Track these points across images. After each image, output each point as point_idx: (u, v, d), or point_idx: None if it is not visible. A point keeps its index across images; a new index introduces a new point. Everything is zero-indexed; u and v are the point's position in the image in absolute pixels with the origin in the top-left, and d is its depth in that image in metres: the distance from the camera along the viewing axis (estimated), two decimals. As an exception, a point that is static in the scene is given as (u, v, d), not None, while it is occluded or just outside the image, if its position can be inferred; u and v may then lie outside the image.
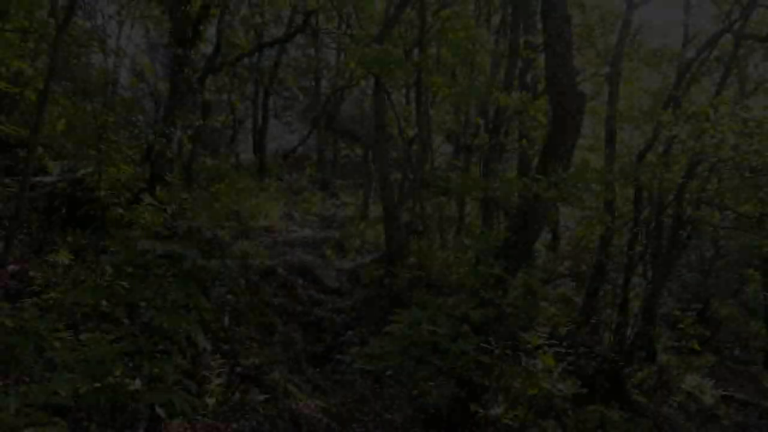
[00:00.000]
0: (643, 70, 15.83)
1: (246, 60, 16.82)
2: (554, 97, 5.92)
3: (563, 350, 6.47)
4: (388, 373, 7.81)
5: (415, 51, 11.64)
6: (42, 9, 8.52)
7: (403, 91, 19.97)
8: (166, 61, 22.28)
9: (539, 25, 12.99)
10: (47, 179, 8.23)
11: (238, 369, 6.54)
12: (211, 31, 10.63)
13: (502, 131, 10.63)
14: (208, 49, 12.20)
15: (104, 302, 3.97)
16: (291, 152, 22.04)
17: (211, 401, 4.99)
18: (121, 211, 4.47)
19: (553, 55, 5.90)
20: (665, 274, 10.76)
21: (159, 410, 3.23)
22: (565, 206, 12.92)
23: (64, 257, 5.81)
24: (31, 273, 6.30)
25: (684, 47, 13.27)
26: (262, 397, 5.69)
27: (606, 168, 10.41)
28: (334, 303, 9.22)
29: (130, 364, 3.15)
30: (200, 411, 4.74)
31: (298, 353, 7.58)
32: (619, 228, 11.28)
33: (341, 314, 8.90)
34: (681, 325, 10.35)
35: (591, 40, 13.69)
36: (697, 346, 10.17)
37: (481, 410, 4.54)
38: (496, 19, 17.11)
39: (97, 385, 2.90)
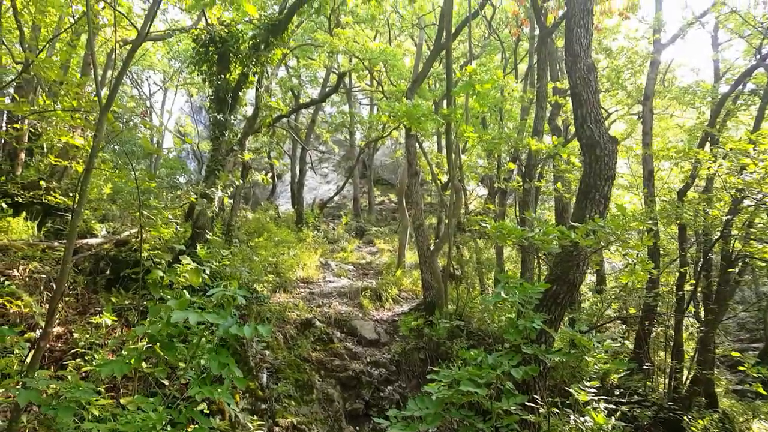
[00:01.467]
0: (677, 107, 15.69)
1: (284, 119, 17.53)
2: (584, 143, 5.91)
3: (615, 400, 6.17)
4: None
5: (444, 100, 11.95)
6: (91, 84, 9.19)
7: (434, 137, 20.32)
8: (208, 122, 23.44)
9: (565, 70, 13.16)
10: (93, 241, 8.61)
11: (276, 429, 6.50)
12: (249, 93, 11.18)
13: (535, 175, 10.59)
14: (247, 109, 12.80)
15: (144, 363, 4.07)
16: (327, 202, 22.47)
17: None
18: (161, 273, 4.62)
19: (580, 102, 5.94)
20: (719, 313, 10.20)
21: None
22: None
23: (107, 318, 6.00)
24: (76, 335, 6.53)
25: (716, 83, 13.13)
26: (301, 459, 5.60)
27: (646, 209, 10.16)
28: (373, 356, 9.11)
29: (169, 428, 3.19)
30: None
31: (337, 411, 7.47)
32: (665, 267, 10.87)
33: (380, 368, 8.77)
34: (742, 367, 9.73)
35: (620, 82, 13.71)
36: (762, 390, 9.52)
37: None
38: (522, 67, 17.44)
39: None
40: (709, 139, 10.57)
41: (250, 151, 10.79)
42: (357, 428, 7.32)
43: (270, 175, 19.30)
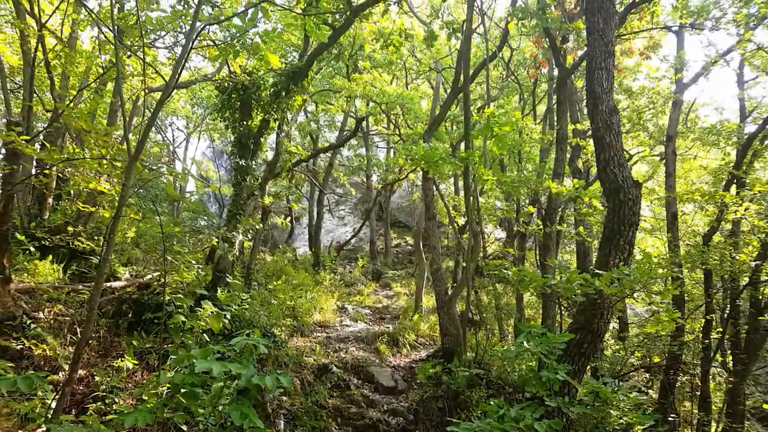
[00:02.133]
0: (700, 147, 15.53)
1: (303, 163, 17.80)
2: (608, 188, 5.82)
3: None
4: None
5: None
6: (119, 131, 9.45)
7: (451, 180, 20.40)
8: (229, 166, 23.92)
9: (585, 111, 13.18)
10: (116, 284, 8.66)
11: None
12: (269, 138, 11.40)
13: (556, 219, 10.48)
14: (267, 154, 13.04)
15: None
16: (344, 245, 22.48)
17: None
18: (183, 318, 4.60)
19: (602, 146, 5.88)
20: (749, 362, 9.79)
21: None
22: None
23: (128, 362, 5.96)
24: (97, 378, 6.49)
25: (741, 122, 12.96)
26: None
27: (670, 255, 9.94)
28: (390, 404, 8.87)
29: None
30: None
31: (355, 463, 7.24)
32: (690, 314, 10.53)
33: (397, 416, 8.52)
34: None
35: (641, 123, 13.68)
36: None
37: None
38: (540, 108, 17.58)
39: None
40: (735, 181, 10.40)
41: (270, 195, 10.91)
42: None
43: (288, 218, 19.43)
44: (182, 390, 3.07)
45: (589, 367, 9.34)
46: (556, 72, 12.85)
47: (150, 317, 7.64)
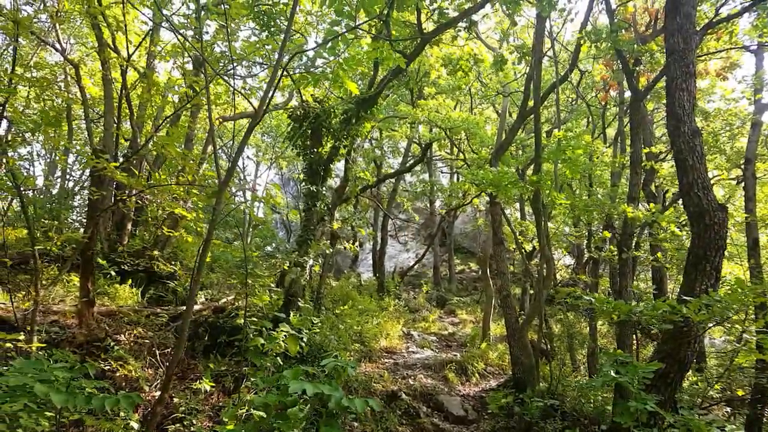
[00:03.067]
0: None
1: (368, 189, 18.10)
2: (692, 212, 5.58)
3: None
4: None
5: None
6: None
7: (516, 204, 20.06)
8: (296, 193, 24.67)
9: (657, 134, 12.68)
10: (194, 308, 9.04)
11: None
12: (336, 164, 11.71)
13: (632, 244, 10.05)
14: (334, 181, 13.39)
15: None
16: (408, 270, 22.47)
17: None
18: (262, 341, 4.76)
19: (685, 169, 5.67)
20: None
21: None
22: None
23: (206, 384, 6.18)
24: (176, 399, 6.76)
25: None
26: None
27: (753, 283, 9.26)
28: (461, 433, 8.67)
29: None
30: None
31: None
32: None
33: (469, 446, 8.32)
34: None
35: (718, 145, 13.03)
36: None
37: None
38: (610, 131, 17.10)
39: None
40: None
41: (338, 221, 11.17)
42: None
43: (356, 243, 19.73)
44: (268, 411, 3.16)
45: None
46: (627, 95, 12.52)
47: (225, 340, 7.89)
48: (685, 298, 4.62)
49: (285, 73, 9.05)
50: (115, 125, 9.63)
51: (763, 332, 5.40)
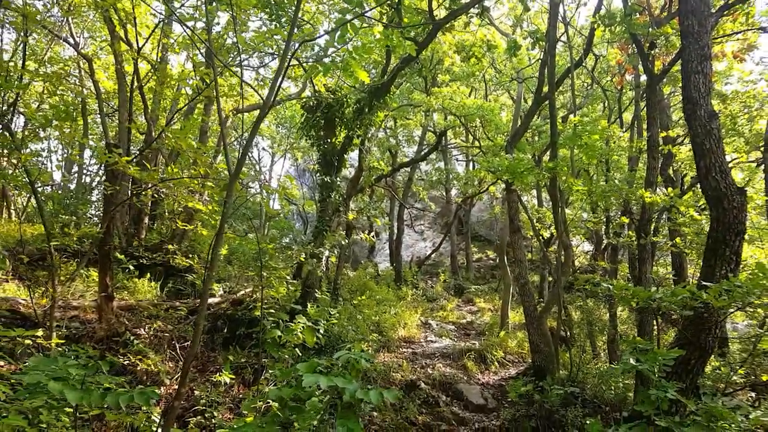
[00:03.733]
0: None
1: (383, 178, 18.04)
2: (710, 195, 5.46)
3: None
4: None
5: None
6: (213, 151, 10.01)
7: (533, 191, 19.87)
8: (311, 184, 24.70)
9: (674, 118, 12.40)
10: (212, 300, 9.12)
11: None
12: (350, 154, 11.66)
13: (650, 229, 9.88)
14: (349, 171, 13.38)
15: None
16: (425, 260, 22.42)
17: None
18: (279, 333, 4.79)
19: (702, 152, 5.54)
20: None
21: None
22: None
23: (226, 377, 6.24)
24: (197, 392, 6.85)
25: None
26: None
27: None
28: (481, 422, 8.66)
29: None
30: None
31: (446, 481, 7.11)
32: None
33: (489, 434, 8.30)
34: None
35: (736, 128, 12.71)
36: None
37: None
38: (627, 116, 16.78)
39: None
40: None
41: (353, 211, 11.17)
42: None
43: (372, 234, 19.73)
44: (287, 404, 3.17)
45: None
46: (642, 78, 12.26)
47: (244, 332, 7.94)
48: (705, 283, 4.53)
49: (296, 62, 9.04)
50: (128, 119, 9.67)
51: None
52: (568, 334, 11.85)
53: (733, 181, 5.45)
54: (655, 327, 10.18)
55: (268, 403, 4.66)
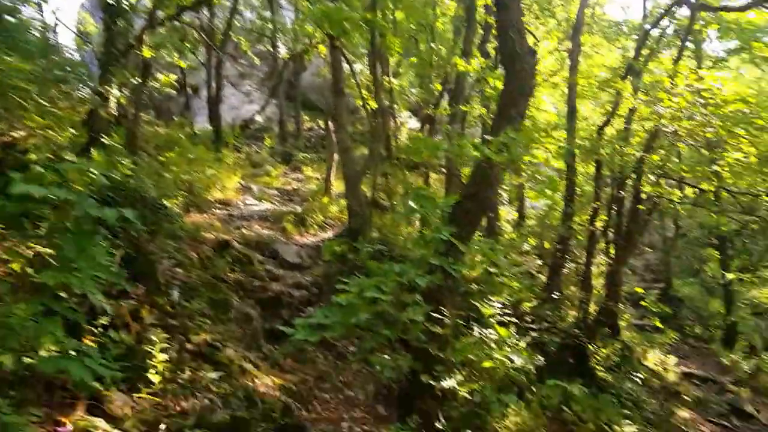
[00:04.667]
0: (604, 47, 15.86)
1: (197, 21, 15.96)
2: (506, 56, 5.63)
3: (526, 326, 6.38)
4: (352, 348, 7.66)
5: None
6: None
7: (366, 60, 19.54)
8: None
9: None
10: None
11: (188, 346, 6.24)
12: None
13: (462, 100, 10.40)
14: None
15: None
16: (250, 122, 21.23)
17: (156, 378, 4.70)
18: (40, 169, 4.03)
19: (503, 9, 5.57)
20: (627, 251, 10.82)
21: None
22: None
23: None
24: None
25: (643, 20, 13.34)
26: (215, 375, 5.39)
27: (567, 141, 10.35)
28: (294, 278, 8.96)
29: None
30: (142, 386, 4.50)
31: (255, 330, 7.28)
32: (581, 207, 11.31)
33: (301, 289, 8.64)
34: (644, 303, 10.50)
35: (550, 9, 13.52)
36: (659, 324, 10.38)
37: (432, 382, 4.41)
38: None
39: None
40: (630, 72, 10.73)
41: (151, 48, 9.60)
42: (276, 347, 7.20)
43: (176, 79, 17.65)
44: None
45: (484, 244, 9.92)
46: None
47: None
48: (486, 137, 4.85)
49: None
50: None
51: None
52: (388, 202, 12.49)
53: (527, 43, 5.60)
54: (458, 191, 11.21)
55: None
